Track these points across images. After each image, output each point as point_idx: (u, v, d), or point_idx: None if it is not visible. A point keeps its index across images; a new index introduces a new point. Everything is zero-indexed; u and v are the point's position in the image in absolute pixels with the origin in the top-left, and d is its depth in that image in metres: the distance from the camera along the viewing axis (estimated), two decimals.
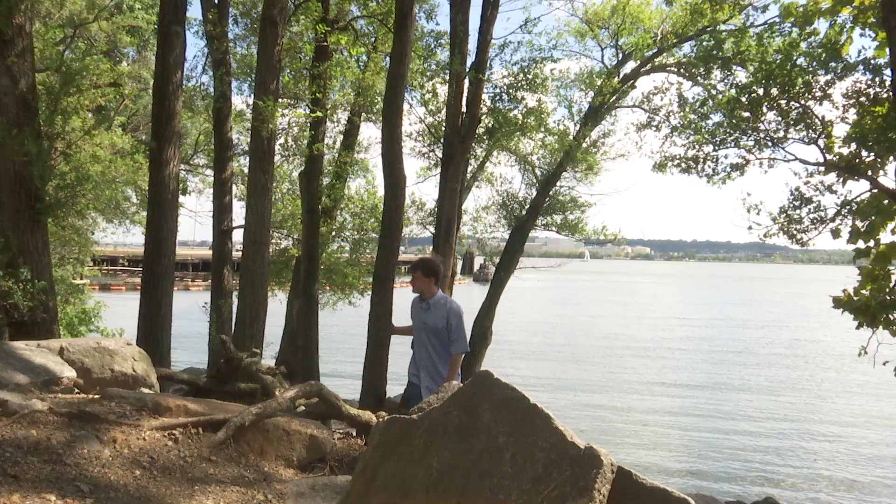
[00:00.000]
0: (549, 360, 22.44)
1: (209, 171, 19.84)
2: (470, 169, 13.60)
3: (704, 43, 12.22)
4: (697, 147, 9.93)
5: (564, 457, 2.01)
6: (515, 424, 2.11)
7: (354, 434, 4.01)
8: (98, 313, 21.31)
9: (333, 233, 14.19)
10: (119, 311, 23.05)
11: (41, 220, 5.78)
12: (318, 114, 8.95)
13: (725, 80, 10.77)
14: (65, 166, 6.46)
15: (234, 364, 5.17)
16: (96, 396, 3.38)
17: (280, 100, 8.28)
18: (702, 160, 9.87)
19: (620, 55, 14.73)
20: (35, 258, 5.66)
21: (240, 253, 11.04)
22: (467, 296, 28.90)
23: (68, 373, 4.31)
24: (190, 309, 16.28)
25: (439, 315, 5.55)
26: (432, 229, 15.13)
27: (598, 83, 14.14)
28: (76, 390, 4.34)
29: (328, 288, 15.79)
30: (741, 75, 10.59)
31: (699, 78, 11.53)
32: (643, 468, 10.62)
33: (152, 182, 8.20)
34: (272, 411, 3.18)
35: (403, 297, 10.72)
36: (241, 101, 34.01)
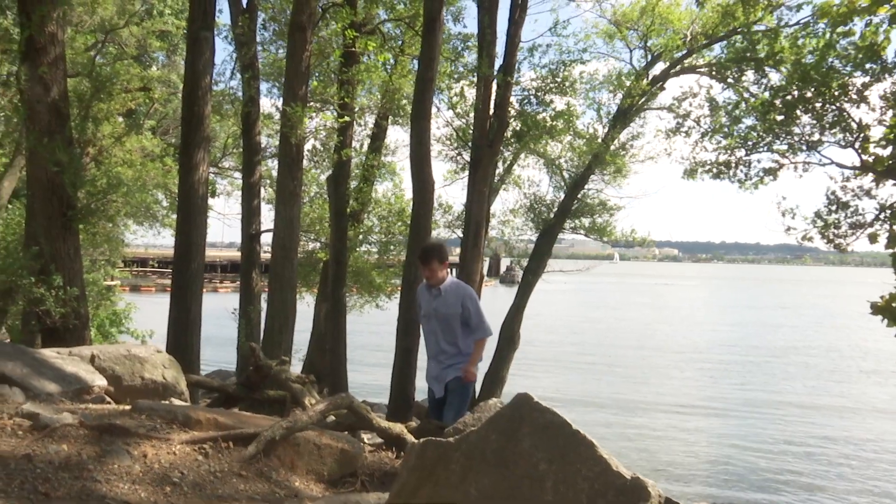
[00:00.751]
0: (578, 367, 22.03)
1: (237, 174, 19.97)
2: (497, 171, 13.52)
3: (737, 45, 12.05)
4: (729, 152, 9.76)
5: (610, 487, 1.93)
6: (557, 451, 2.03)
7: (385, 446, 3.95)
8: (129, 315, 21.53)
9: (361, 236, 14.19)
10: (149, 313, 23.28)
11: (73, 226, 5.80)
12: (346, 118, 8.91)
13: (759, 83, 10.57)
14: (96, 172, 6.50)
15: (263, 372, 5.15)
16: (127, 408, 3.36)
17: (308, 104, 8.28)
18: (734, 165, 9.69)
19: (649, 56, 14.57)
20: (67, 265, 5.69)
21: (268, 254, 11.11)
22: (494, 298, 28.71)
23: (99, 381, 4.30)
24: (218, 311, 16.39)
25: (453, 301, 5.23)
26: (459, 232, 15.07)
27: (627, 85, 14.00)
28: (107, 399, 4.34)
29: (355, 290, 15.79)
30: (775, 77, 10.40)
31: (731, 80, 11.32)
32: (686, 498, 10.30)
33: (182, 187, 8.23)
34: (302, 425, 3.13)
35: None
36: (268, 103, 34.20)
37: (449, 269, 5.50)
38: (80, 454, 2.76)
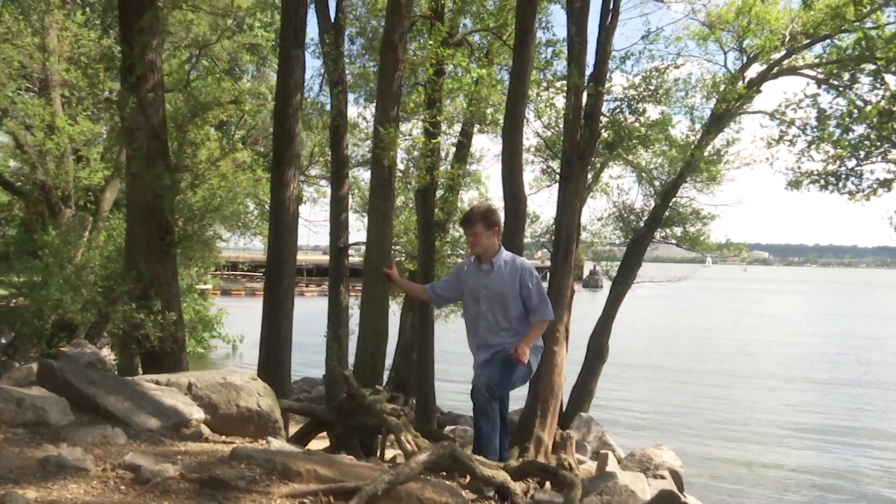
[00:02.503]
0: (671, 382, 20.88)
1: (323, 182, 20.30)
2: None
3: (842, 43, 11.36)
4: (839, 162, 9.17)
5: None
6: None
7: (488, 495, 3.79)
8: (220, 320, 22.16)
9: (447, 247, 14.09)
10: (239, 317, 23.95)
11: (171, 251, 5.89)
12: (437, 139, 8.80)
13: (874, 88, 9.90)
14: (192, 197, 6.63)
15: (356, 401, 5.07)
16: (226, 453, 3.30)
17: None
18: (843, 176, 9.10)
19: (745, 58, 13.99)
20: (165, 288, 5.77)
21: (354, 258, 11.09)
22: (577, 303, 27.70)
23: (197, 415, 4.29)
24: (305, 315, 16.51)
25: (510, 278, 4.60)
26: (543, 241, 14.80)
27: (722, 89, 13.46)
28: (204, 431, 4.33)
29: None
30: (891, 80, 9.70)
31: (840, 87, 10.65)
32: None
33: (273, 204, 8.28)
34: (405, 478, 2.99)
35: None
36: (354, 111, 34.73)
37: (500, 241, 4.82)
38: None
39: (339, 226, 11.28)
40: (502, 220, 4.94)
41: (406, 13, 5.84)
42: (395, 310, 15.91)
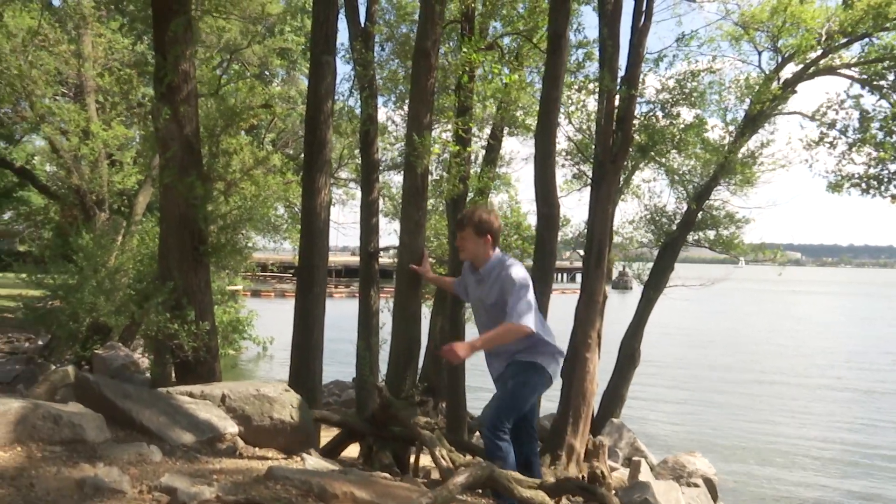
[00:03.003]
0: (704, 389, 19.95)
1: (352, 185, 20.34)
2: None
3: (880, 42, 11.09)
4: (881, 165, 8.94)
5: None
6: None
7: None
8: (251, 322, 22.33)
9: None
10: (268, 318, 24.10)
11: (204, 260, 5.90)
12: (470, 149, 8.73)
13: None
14: (225, 206, 6.64)
15: (390, 413, 5.03)
16: (261, 472, 3.27)
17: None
18: (886, 180, 8.87)
19: (779, 58, 13.72)
20: (199, 298, 5.78)
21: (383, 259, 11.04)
22: (607, 304, 26.98)
23: (231, 428, 4.28)
24: (333, 318, 16.35)
25: (491, 288, 4.35)
26: (574, 244, 14.65)
27: (756, 90, 13.22)
28: (239, 445, 4.31)
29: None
30: None
31: (885, 89, 10.40)
32: None
33: (304, 210, 8.26)
34: (443, 501, 2.93)
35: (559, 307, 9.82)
36: (383, 114, 34.77)
37: (492, 246, 4.41)
38: None
39: (369, 230, 11.25)
40: (499, 229, 4.56)
41: (439, 20, 5.78)
42: (424, 313, 15.85)
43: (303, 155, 8.75)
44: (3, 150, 16.63)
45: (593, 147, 11.31)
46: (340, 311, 19.36)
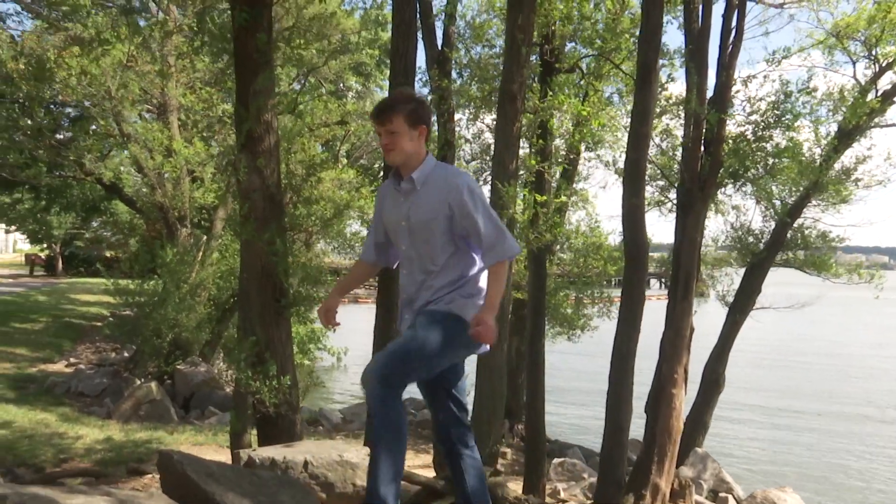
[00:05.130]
0: (793, 417, 18.41)
1: None
2: None
3: None
4: None
5: None
6: None
7: None
8: (326, 333, 22.56)
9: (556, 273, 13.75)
10: (343, 326, 24.23)
11: (285, 313, 5.85)
12: (563, 198, 8.49)
13: None
14: (305, 255, 6.61)
15: None
16: None
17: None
18: None
19: (876, 67, 12.98)
20: (280, 351, 5.74)
21: None
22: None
23: None
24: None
25: (436, 197, 3.03)
26: (652, 269, 14.14)
27: (852, 102, 12.55)
28: None
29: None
30: None
31: None
32: None
33: None
34: None
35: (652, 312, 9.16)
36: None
37: (426, 147, 3.15)
38: None
39: None
40: (433, 117, 3.53)
41: (525, 62, 5.56)
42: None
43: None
44: (93, 164, 17.22)
45: (677, 168, 10.87)
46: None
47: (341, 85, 21.07)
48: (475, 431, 5.38)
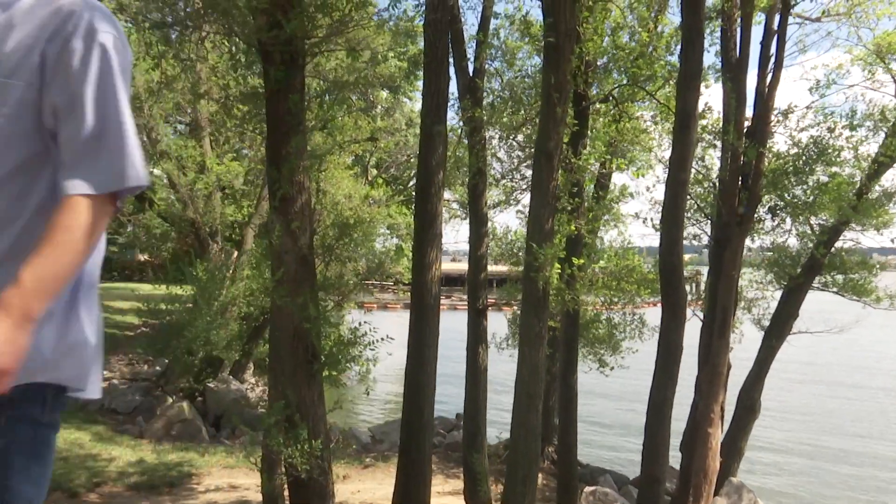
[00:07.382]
0: (836, 443, 17.33)
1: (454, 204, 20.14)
2: None
3: None
4: None
5: None
6: None
7: None
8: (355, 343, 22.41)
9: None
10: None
11: (317, 376, 5.81)
12: (598, 264, 8.33)
13: None
14: (339, 323, 6.57)
15: None
16: None
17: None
18: None
19: None
20: (311, 411, 5.70)
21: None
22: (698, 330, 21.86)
23: None
24: (450, 331, 14.22)
25: (22, 41, 1.35)
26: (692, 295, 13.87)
27: (892, 122, 12.21)
28: None
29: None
30: None
31: None
32: None
33: (414, 286, 8.13)
34: None
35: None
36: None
37: None
38: None
39: (477, 286, 11.03)
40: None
41: (562, 121, 5.44)
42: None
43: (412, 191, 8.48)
44: None
45: (713, 200, 10.64)
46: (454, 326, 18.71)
47: (371, 98, 21.02)
48: (509, 481, 5.27)
